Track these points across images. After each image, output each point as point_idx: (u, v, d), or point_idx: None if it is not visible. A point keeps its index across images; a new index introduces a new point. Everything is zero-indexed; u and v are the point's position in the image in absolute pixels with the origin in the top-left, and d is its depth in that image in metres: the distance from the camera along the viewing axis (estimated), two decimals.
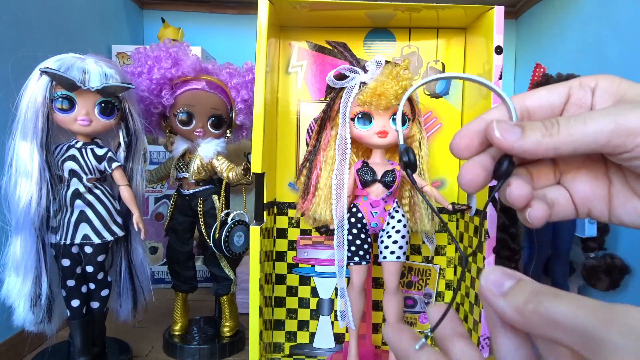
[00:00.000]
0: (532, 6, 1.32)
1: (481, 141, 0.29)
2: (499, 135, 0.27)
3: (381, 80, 0.64)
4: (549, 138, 0.26)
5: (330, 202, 0.68)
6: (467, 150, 0.30)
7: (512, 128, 0.27)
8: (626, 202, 0.29)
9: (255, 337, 0.64)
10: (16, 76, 0.65)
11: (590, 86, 0.29)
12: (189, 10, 1.42)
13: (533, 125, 0.27)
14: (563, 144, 0.26)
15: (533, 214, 0.29)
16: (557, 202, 0.31)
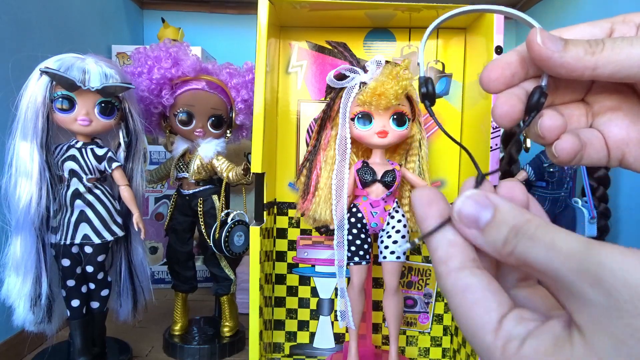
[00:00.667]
0: (532, 6, 1.32)
1: (513, 72, 0.27)
2: (540, 41, 0.25)
3: (381, 80, 0.64)
4: (590, 55, 0.24)
5: (330, 202, 0.68)
6: (498, 81, 0.27)
7: (555, 38, 0.25)
8: None
9: (255, 337, 0.64)
10: (16, 76, 0.65)
11: (635, 22, 0.27)
12: (189, 10, 1.42)
13: (577, 41, 0.25)
14: (604, 63, 0.24)
15: (560, 145, 0.27)
16: (590, 143, 0.28)
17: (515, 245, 0.20)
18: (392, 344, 0.72)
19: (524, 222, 0.20)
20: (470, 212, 0.21)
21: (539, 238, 0.19)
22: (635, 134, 0.28)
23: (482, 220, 0.21)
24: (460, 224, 0.22)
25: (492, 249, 0.21)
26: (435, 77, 0.77)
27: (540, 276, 0.20)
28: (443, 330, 0.82)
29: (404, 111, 0.67)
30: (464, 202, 0.22)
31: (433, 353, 0.82)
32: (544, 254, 0.19)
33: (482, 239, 0.21)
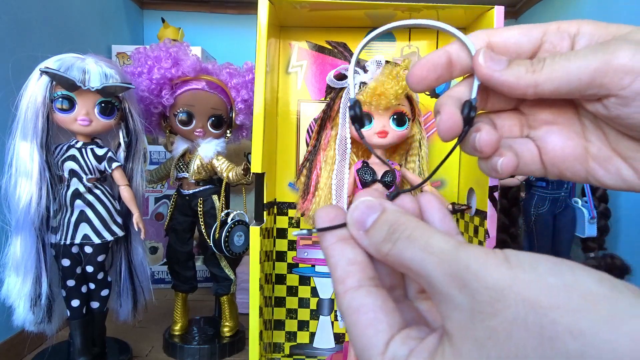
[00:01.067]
0: (532, 6, 1.32)
1: (439, 75, 0.27)
2: (482, 61, 0.25)
3: (381, 80, 0.64)
4: (531, 73, 0.24)
5: (330, 202, 0.68)
6: (424, 82, 0.27)
7: (499, 58, 0.25)
8: (607, 162, 0.27)
9: (255, 337, 0.64)
10: (16, 76, 0.65)
11: (569, 33, 0.26)
12: (189, 10, 1.42)
13: (520, 60, 0.25)
14: (544, 80, 0.24)
15: (505, 162, 0.27)
16: (521, 156, 0.28)
17: (393, 244, 0.20)
18: None
19: (403, 221, 0.20)
20: (359, 214, 0.22)
21: (415, 238, 0.19)
22: (570, 150, 0.28)
23: (368, 221, 0.21)
24: (351, 227, 0.22)
25: (373, 249, 0.21)
26: None
27: (418, 280, 0.20)
28: None
29: (404, 111, 0.67)
30: (357, 206, 0.22)
31: None
32: (418, 255, 0.19)
33: (366, 240, 0.21)
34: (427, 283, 0.19)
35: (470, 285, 0.17)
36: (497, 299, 0.16)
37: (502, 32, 0.27)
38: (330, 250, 0.22)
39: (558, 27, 0.26)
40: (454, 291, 0.17)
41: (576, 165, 0.28)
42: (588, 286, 0.15)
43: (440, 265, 0.18)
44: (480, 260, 0.17)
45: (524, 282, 0.16)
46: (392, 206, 0.22)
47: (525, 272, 0.16)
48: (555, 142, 0.28)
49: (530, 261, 0.17)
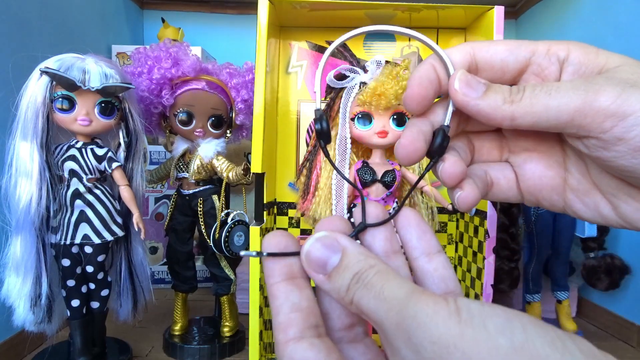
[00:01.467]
0: (532, 6, 1.32)
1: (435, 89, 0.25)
2: (457, 87, 0.24)
3: (381, 80, 0.64)
4: (508, 105, 0.23)
5: (330, 202, 0.68)
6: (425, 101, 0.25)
7: (476, 84, 0.24)
8: (585, 195, 0.26)
9: (255, 337, 0.64)
10: (16, 76, 0.65)
11: (559, 57, 0.24)
12: (189, 10, 1.42)
13: (498, 88, 0.24)
14: (522, 114, 0.23)
15: (462, 197, 0.25)
16: (497, 183, 0.27)
17: (354, 293, 0.19)
18: None
19: (366, 268, 0.19)
20: (317, 255, 0.20)
21: (372, 285, 0.18)
22: (549, 180, 0.26)
23: (329, 265, 0.20)
24: (309, 268, 0.20)
25: (337, 297, 0.20)
26: None
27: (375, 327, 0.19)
28: None
29: (404, 111, 0.67)
30: (313, 245, 0.20)
31: None
32: (372, 304, 0.18)
33: (328, 285, 0.20)
34: (381, 332, 0.18)
35: (415, 338, 0.16)
36: (441, 356, 0.15)
37: (488, 47, 0.25)
38: (275, 290, 0.20)
39: (548, 50, 0.24)
40: (400, 343, 0.17)
41: (553, 196, 0.27)
42: (539, 349, 0.14)
43: (389, 313, 0.17)
44: (428, 311, 0.16)
45: (471, 340, 0.15)
46: (352, 245, 0.20)
47: (474, 328, 0.15)
48: (533, 171, 0.27)
49: (481, 315, 0.16)
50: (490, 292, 0.67)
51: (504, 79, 0.25)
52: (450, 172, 0.25)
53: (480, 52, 0.25)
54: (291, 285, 0.20)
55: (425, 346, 0.16)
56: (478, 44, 0.25)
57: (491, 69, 0.25)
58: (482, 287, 0.67)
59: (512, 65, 0.25)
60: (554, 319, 0.95)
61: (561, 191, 0.26)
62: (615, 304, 0.95)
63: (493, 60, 0.25)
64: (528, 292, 0.94)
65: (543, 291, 0.95)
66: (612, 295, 0.93)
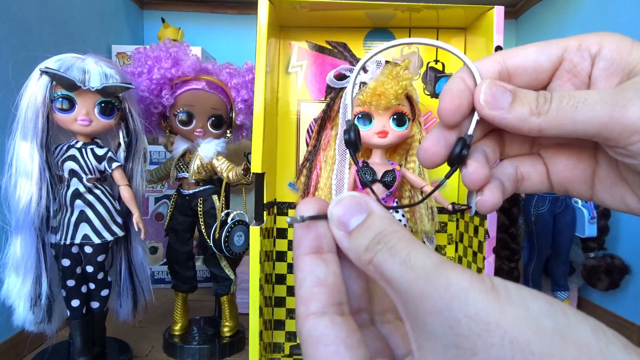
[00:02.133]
0: (532, 6, 1.32)
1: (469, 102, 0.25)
2: (482, 102, 0.24)
3: (381, 80, 0.64)
4: (535, 117, 0.23)
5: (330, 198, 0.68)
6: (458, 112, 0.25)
7: (502, 95, 0.23)
8: (612, 187, 0.26)
9: (255, 337, 0.64)
10: (16, 76, 0.65)
11: (590, 51, 0.24)
12: (189, 10, 1.42)
13: (526, 95, 0.23)
14: (549, 127, 0.23)
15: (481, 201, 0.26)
16: (528, 178, 0.27)
17: (375, 254, 0.18)
18: None
19: (390, 232, 0.18)
20: (343, 212, 0.20)
21: (397, 250, 0.18)
22: (579, 172, 0.27)
23: (352, 223, 0.19)
24: (332, 224, 0.20)
25: (353, 255, 0.19)
26: (435, 77, 0.77)
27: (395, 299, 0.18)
28: None
29: (404, 111, 0.67)
30: (342, 201, 0.20)
31: None
32: (397, 270, 0.17)
33: (347, 243, 0.19)
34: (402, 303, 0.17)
35: (448, 311, 0.15)
36: (479, 334, 0.14)
37: (518, 52, 0.25)
38: (300, 263, 0.20)
39: (579, 45, 0.24)
40: (428, 316, 0.15)
41: (583, 187, 0.27)
42: (583, 336, 0.14)
43: (416, 282, 0.16)
44: (464, 283, 0.15)
45: (514, 319, 0.14)
46: (379, 209, 0.20)
47: (515, 307, 0.14)
48: (565, 164, 0.27)
49: (521, 295, 0.15)
50: None
51: (538, 80, 0.25)
52: (472, 177, 0.25)
53: (510, 58, 0.25)
54: (318, 259, 0.20)
55: (460, 320, 0.14)
56: (507, 51, 0.25)
57: (524, 72, 0.25)
58: None
59: (544, 64, 0.25)
60: None
61: (590, 182, 0.27)
62: (615, 304, 0.95)
63: (525, 64, 0.25)
64: None
65: (543, 291, 0.95)
66: (612, 295, 0.93)
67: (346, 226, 0.19)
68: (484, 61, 0.25)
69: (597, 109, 0.22)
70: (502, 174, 0.27)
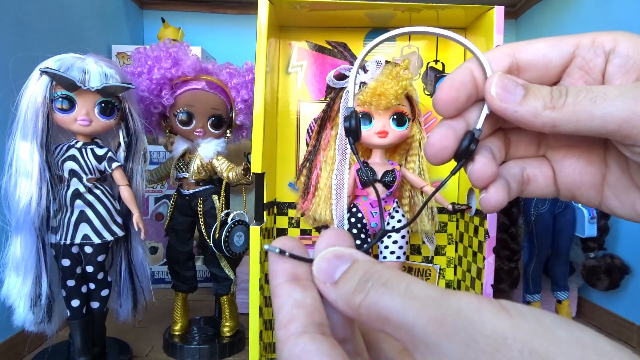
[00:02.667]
0: (532, 6, 1.32)
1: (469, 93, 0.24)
2: (494, 93, 0.23)
3: (381, 80, 0.64)
4: (549, 111, 0.22)
5: (330, 202, 0.68)
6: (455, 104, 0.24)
7: (514, 88, 0.23)
8: (623, 193, 0.25)
9: (255, 337, 0.64)
10: (16, 76, 0.65)
11: (604, 48, 0.23)
12: (189, 10, 1.42)
13: (538, 90, 0.22)
14: (564, 122, 0.22)
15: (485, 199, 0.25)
16: (534, 180, 0.26)
17: (367, 295, 0.17)
18: None
19: (377, 269, 0.18)
20: (327, 265, 0.19)
21: (393, 285, 0.17)
22: (588, 177, 0.25)
23: (336, 273, 0.19)
24: (317, 280, 0.19)
25: (343, 303, 0.18)
26: (435, 77, 0.77)
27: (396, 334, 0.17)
28: None
29: (404, 111, 0.67)
30: (324, 255, 0.20)
31: None
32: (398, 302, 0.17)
33: (333, 293, 0.19)
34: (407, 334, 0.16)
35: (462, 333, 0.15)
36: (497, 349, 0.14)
37: (529, 46, 0.24)
38: (278, 290, 0.19)
39: (593, 41, 0.23)
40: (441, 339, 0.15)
41: (591, 192, 0.26)
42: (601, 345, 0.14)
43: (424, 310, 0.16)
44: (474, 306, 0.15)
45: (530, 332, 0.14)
46: (364, 256, 0.19)
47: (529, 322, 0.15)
48: (573, 167, 0.26)
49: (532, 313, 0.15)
50: (490, 292, 0.67)
51: (548, 76, 0.24)
52: (479, 174, 0.24)
53: (521, 51, 0.24)
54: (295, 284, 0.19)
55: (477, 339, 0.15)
56: (518, 44, 0.24)
57: (534, 67, 0.24)
58: (482, 287, 0.67)
59: (555, 60, 0.24)
60: None
61: (599, 188, 0.26)
62: (615, 304, 0.95)
63: (535, 58, 0.24)
64: (528, 292, 0.94)
65: (543, 291, 0.95)
66: (612, 295, 0.93)
67: (331, 277, 0.19)
68: (494, 53, 0.25)
69: (617, 104, 0.21)
70: (508, 173, 0.26)
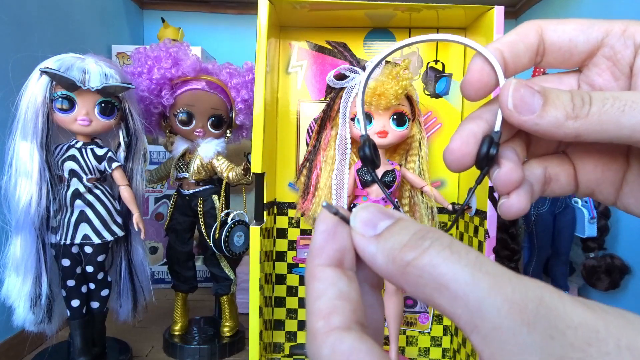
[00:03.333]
0: (532, 6, 1.32)
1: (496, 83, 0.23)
2: (511, 107, 0.21)
3: (381, 80, 0.64)
4: (572, 121, 0.20)
5: (330, 202, 0.68)
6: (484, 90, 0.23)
7: (531, 97, 0.21)
8: None
9: (255, 337, 0.64)
10: (16, 76, 0.65)
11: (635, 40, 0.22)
12: (189, 10, 1.42)
13: (558, 97, 0.21)
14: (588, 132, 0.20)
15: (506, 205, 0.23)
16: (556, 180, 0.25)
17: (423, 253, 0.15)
18: (392, 343, 0.72)
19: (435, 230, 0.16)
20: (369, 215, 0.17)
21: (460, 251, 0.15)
22: (611, 174, 0.24)
23: (380, 225, 0.17)
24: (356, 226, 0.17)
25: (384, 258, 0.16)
26: (435, 77, 0.77)
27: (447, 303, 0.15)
28: (443, 330, 0.82)
29: (404, 111, 0.67)
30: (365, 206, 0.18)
31: (433, 353, 0.82)
32: (468, 274, 0.14)
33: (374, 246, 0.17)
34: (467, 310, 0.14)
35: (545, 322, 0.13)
36: (589, 343, 0.13)
37: (557, 25, 0.22)
38: (319, 272, 0.17)
39: (624, 31, 0.22)
40: (519, 326, 0.13)
41: (610, 189, 0.24)
42: None
43: (500, 289, 0.14)
44: (556, 295, 0.14)
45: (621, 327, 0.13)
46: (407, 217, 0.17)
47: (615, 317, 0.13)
48: (595, 164, 0.24)
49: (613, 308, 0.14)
50: None
51: (571, 61, 0.23)
52: (505, 180, 0.22)
53: (548, 31, 0.22)
54: (340, 272, 0.17)
55: (564, 331, 0.13)
56: (547, 22, 0.23)
57: (558, 51, 0.23)
58: None
59: (581, 46, 0.22)
60: None
61: (618, 185, 0.24)
62: (615, 304, 0.94)
63: (561, 41, 0.22)
64: None
65: None
66: (612, 295, 0.93)
67: (374, 227, 0.17)
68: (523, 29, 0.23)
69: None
70: (531, 175, 0.24)
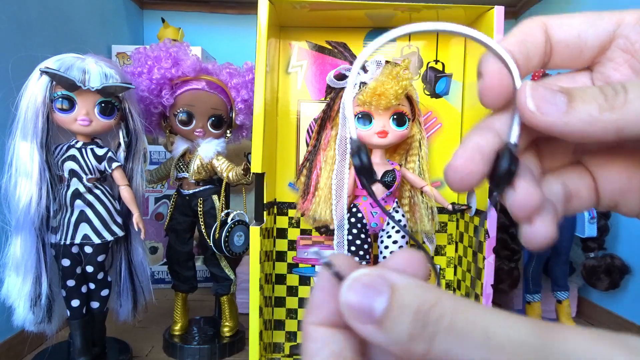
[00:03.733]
0: (532, 6, 1.32)
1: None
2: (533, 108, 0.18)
3: (381, 80, 0.64)
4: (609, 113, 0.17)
5: (330, 202, 0.68)
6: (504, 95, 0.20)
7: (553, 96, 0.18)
8: None
9: (255, 337, 0.64)
10: (16, 76, 0.65)
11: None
12: (189, 10, 1.42)
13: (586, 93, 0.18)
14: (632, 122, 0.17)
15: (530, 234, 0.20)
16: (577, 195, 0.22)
17: (431, 343, 0.14)
18: None
19: (432, 303, 0.14)
20: (358, 300, 0.15)
21: (464, 331, 0.14)
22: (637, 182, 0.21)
23: (376, 311, 0.15)
24: (350, 319, 0.15)
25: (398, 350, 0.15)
26: (435, 77, 0.77)
27: None
28: None
29: (404, 111, 0.67)
30: (351, 287, 0.15)
31: None
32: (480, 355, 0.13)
33: (382, 337, 0.15)
34: None
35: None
36: None
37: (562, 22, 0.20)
38: (313, 332, 0.16)
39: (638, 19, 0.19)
40: None
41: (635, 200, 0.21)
42: None
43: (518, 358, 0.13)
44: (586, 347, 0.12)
45: None
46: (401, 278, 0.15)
47: None
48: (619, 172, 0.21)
49: None
50: (491, 292, 0.67)
51: (581, 59, 0.21)
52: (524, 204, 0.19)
53: (554, 27, 0.20)
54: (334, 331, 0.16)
55: None
56: (551, 18, 0.20)
57: (565, 48, 0.20)
58: (482, 287, 0.67)
59: (591, 41, 0.20)
60: (554, 319, 0.95)
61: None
62: (615, 304, 0.95)
63: (568, 37, 0.20)
64: (528, 292, 0.94)
65: (543, 291, 0.95)
66: (612, 295, 0.93)
67: (370, 315, 0.15)
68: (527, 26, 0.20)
69: None
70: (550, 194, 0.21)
